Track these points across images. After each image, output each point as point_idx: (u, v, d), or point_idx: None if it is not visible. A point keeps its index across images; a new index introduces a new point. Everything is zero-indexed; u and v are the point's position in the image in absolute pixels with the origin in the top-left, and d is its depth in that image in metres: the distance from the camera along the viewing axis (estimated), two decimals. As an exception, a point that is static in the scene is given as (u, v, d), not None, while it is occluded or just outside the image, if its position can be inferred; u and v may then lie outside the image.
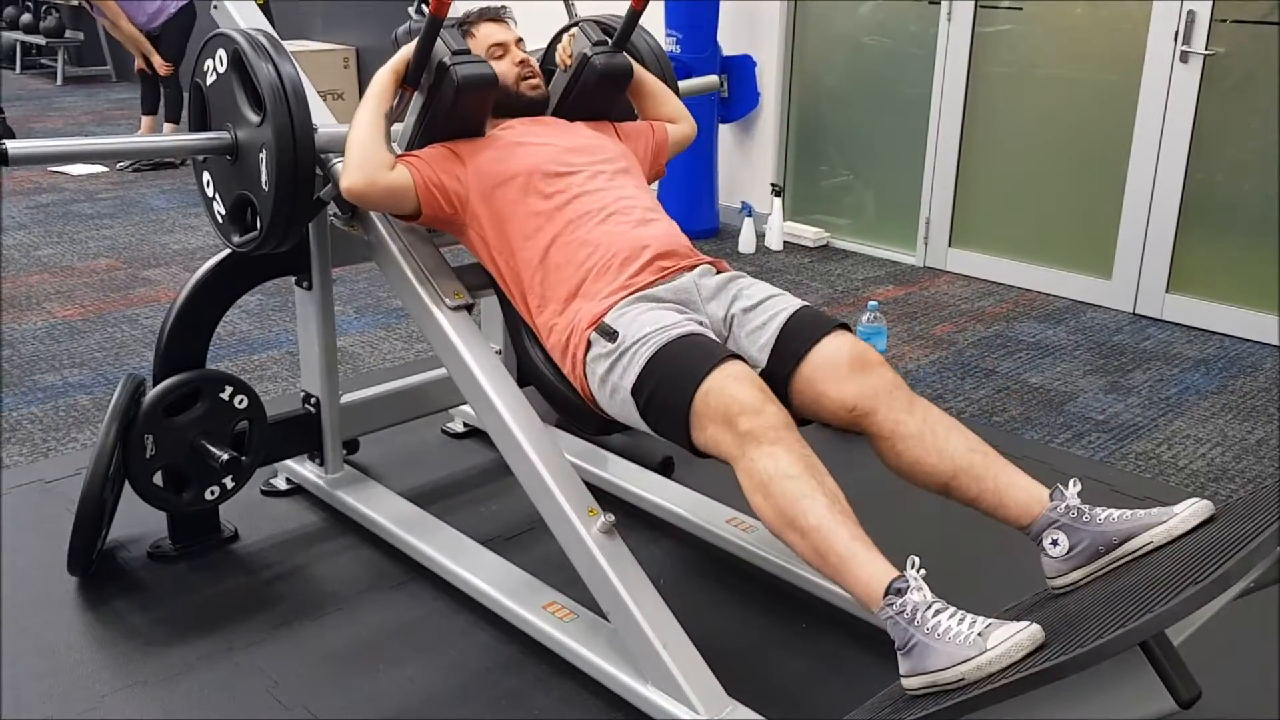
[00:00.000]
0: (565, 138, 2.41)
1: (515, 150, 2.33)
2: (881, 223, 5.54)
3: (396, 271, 2.41)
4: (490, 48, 2.46)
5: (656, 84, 2.73)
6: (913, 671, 1.66)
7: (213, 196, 2.48)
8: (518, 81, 2.46)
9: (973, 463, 1.96)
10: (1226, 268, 4.47)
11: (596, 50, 2.53)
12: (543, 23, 3.10)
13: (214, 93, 2.40)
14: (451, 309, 2.34)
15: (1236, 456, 3.36)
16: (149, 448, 2.45)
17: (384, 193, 2.25)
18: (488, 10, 2.54)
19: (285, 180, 2.25)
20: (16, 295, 4.61)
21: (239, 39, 2.28)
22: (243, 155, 2.33)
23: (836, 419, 2.05)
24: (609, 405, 2.12)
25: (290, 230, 2.37)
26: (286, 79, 2.24)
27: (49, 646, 2.36)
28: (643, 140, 2.63)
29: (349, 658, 2.34)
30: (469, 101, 2.31)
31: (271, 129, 2.23)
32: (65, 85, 10.51)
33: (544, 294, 2.23)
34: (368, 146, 2.24)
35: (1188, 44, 4.30)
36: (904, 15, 5.25)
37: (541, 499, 2.18)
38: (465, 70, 2.27)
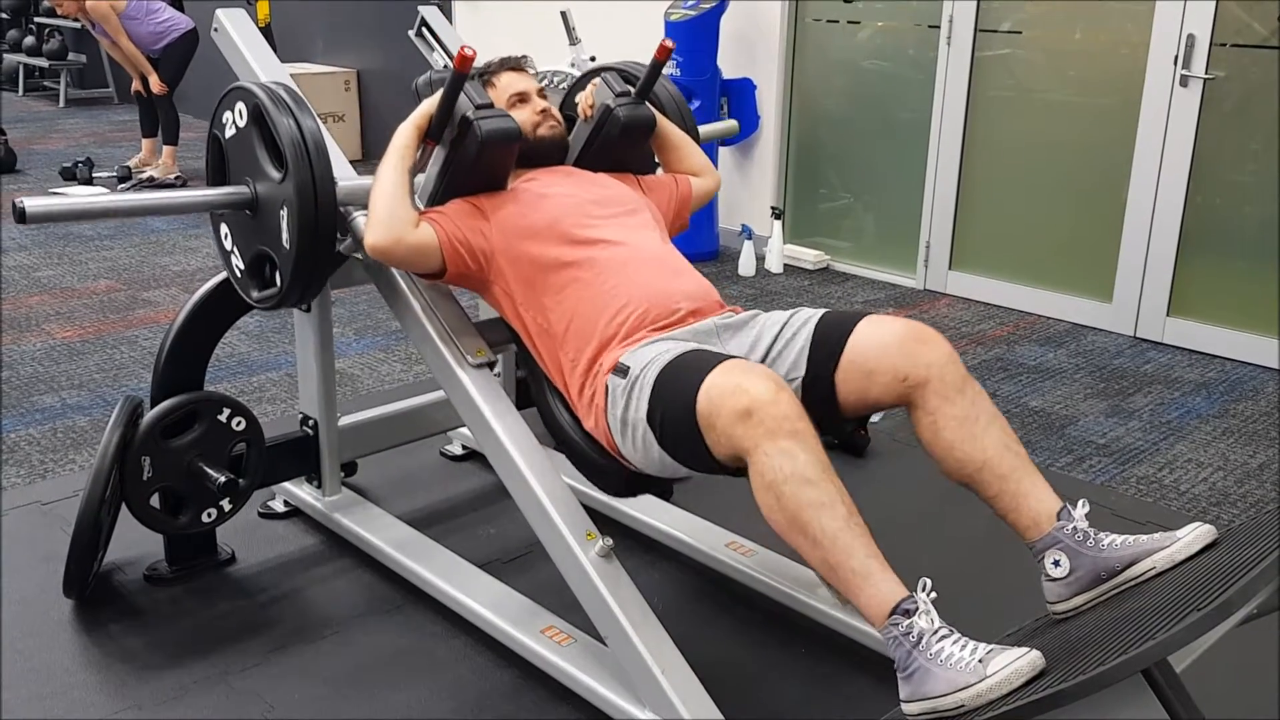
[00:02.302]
0: (588, 189, 2.36)
1: (539, 203, 2.28)
2: (881, 245, 5.54)
3: (418, 328, 2.35)
4: (511, 97, 2.41)
5: (680, 136, 2.67)
6: (913, 696, 1.65)
7: (231, 250, 2.43)
8: (535, 128, 2.41)
9: (1003, 460, 1.93)
10: (1227, 291, 4.47)
11: (619, 101, 2.49)
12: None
13: (233, 146, 2.34)
14: (474, 366, 2.29)
15: (1238, 481, 3.34)
16: (146, 470, 2.44)
17: (409, 251, 2.19)
18: (508, 60, 2.49)
19: (307, 238, 2.19)
20: (16, 316, 4.60)
21: (259, 93, 2.22)
22: (263, 211, 2.27)
23: (887, 395, 1.99)
24: (634, 449, 2.05)
25: (311, 287, 2.32)
26: (308, 134, 2.18)
27: (44, 669, 2.34)
28: (666, 194, 2.57)
29: (345, 682, 2.33)
30: (493, 156, 2.27)
31: (293, 186, 2.16)
32: (67, 107, 10.54)
33: (573, 352, 2.17)
34: (392, 203, 2.19)
35: (1187, 68, 4.31)
36: (904, 39, 5.27)
37: (539, 523, 2.17)
38: (489, 125, 2.23)
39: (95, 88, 11.01)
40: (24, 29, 11.42)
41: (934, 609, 1.69)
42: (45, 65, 10.91)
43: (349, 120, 8.13)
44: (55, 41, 10.77)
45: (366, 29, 7.95)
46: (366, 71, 8.13)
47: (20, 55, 11.21)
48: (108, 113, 10.30)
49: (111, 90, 10.87)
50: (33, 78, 11.39)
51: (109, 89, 10.90)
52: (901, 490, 3.06)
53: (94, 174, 7.19)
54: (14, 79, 11.31)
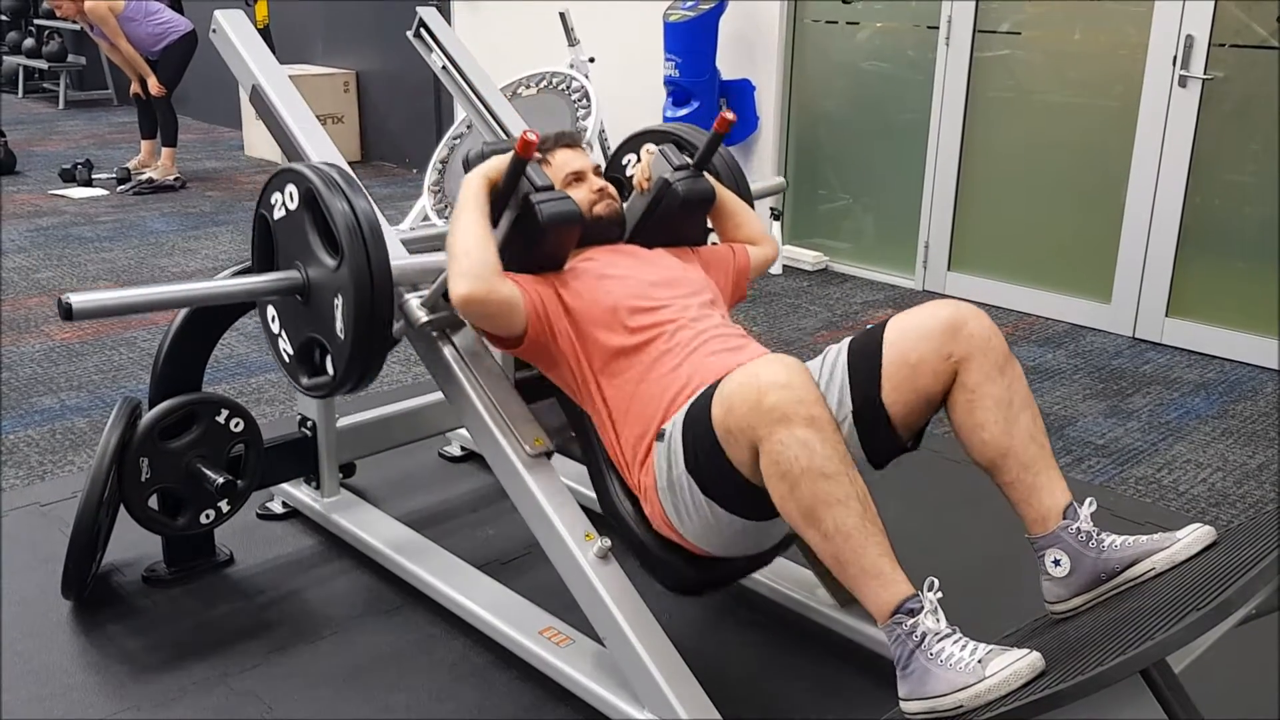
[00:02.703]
0: (649, 270, 2.27)
1: (600, 285, 2.20)
2: (880, 246, 5.54)
3: (474, 416, 2.26)
4: (567, 175, 2.34)
5: (738, 204, 2.59)
6: (912, 695, 1.65)
7: (278, 333, 2.34)
8: (593, 206, 2.33)
9: (1026, 449, 1.92)
10: (1226, 292, 4.46)
11: (678, 176, 2.40)
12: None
13: (282, 229, 2.25)
14: (531, 456, 2.20)
15: (1237, 481, 3.34)
16: (144, 471, 2.44)
17: (500, 304, 2.08)
18: (564, 137, 2.42)
19: (363, 327, 2.10)
20: (15, 318, 4.60)
21: (312, 177, 2.15)
22: (314, 297, 2.19)
23: (935, 380, 1.95)
24: (686, 517, 1.97)
25: (366, 376, 2.22)
26: (363, 218, 2.10)
27: (43, 671, 2.34)
28: (725, 268, 2.49)
29: (344, 683, 2.33)
30: (554, 238, 2.20)
31: (349, 274, 2.08)
32: (67, 109, 10.54)
33: (634, 438, 2.09)
34: (481, 253, 2.08)
35: (1186, 68, 4.31)
36: (902, 40, 5.27)
37: (537, 524, 2.17)
38: (551, 208, 2.16)
39: (94, 89, 11.02)
40: (23, 31, 11.42)
41: (940, 609, 1.69)
42: (45, 67, 10.91)
43: (348, 122, 8.13)
44: (55, 44, 10.78)
45: (365, 30, 7.94)
46: (365, 73, 8.13)
47: (20, 57, 11.22)
48: (107, 114, 10.30)
49: (111, 92, 10.88)
50: (32, 80, 11.39)
51: (108, 91, 10.91)
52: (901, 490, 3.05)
53: (93, 176, 7.19)
54: (14, 81, 11.31)
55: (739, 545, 2.04)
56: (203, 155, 8.33)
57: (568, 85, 5.06)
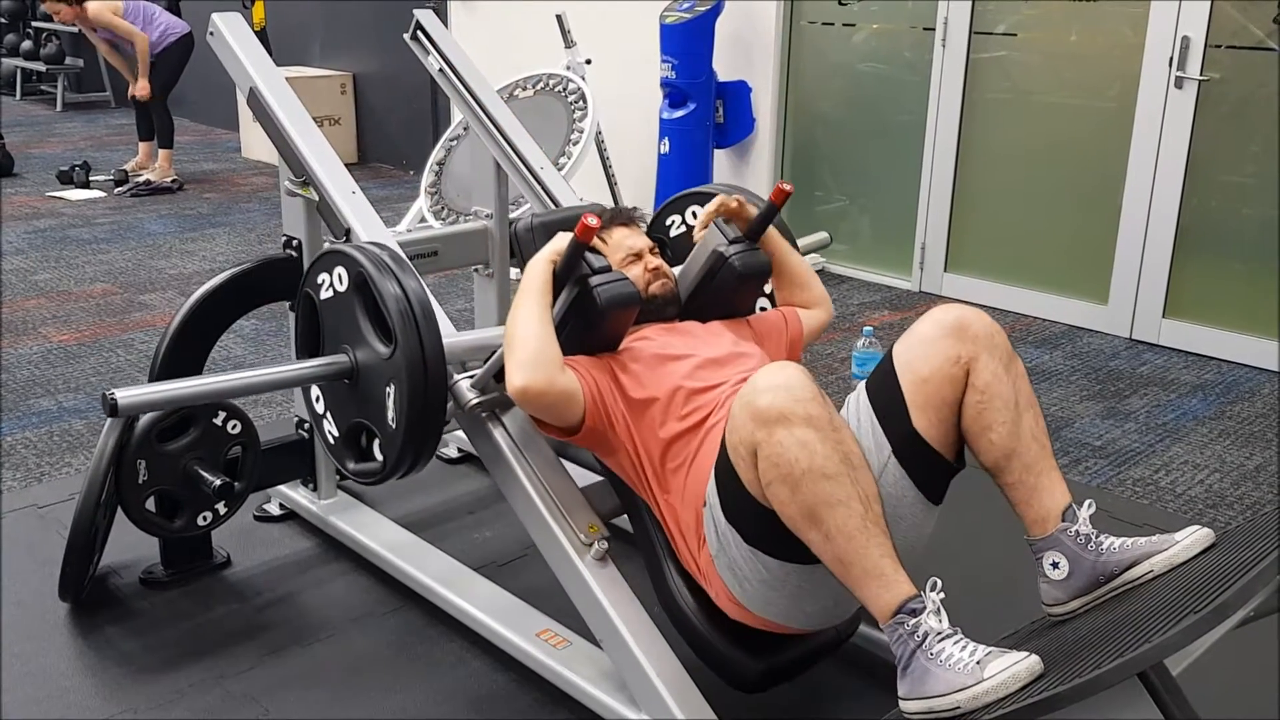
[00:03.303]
0: (705, 348, 2.21)
1: (657, 366, 2.14)
2: (877, 248, 5.55)
3: (527, 505, 2.18)
4: (625, 256, 2.30)
5: (798, 268, 2.52)
6: (911, 695, 1.65)
7: (323, 414, 2.26)
8: (649, 285, 2.30)
9: (1030, 450, 1.91)
10: (1223, 293, 4.47)
11: (734, 250, 2.32)
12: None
13: (329, 310, 2.18)
14: (585, 545, 2.12)
15: (1235, 483, 3.35)
16: (142, 473, 2.43)
17: (560, 396, 2.01)
18: (620, 214, 2.39)
19: (416, 414, 2.02)
20: (13, 320, 4.60)
21: (363, 261, 2.08)
22: (364, 382, 2.12)
23: (952, 385, 1.92)
24: (744, 582, 1.92)
25: (419, 463, 2.13)
26: (417, 304, 2.03)
27: (40, 673, 2.34)
28: (779, 339, 2.43)
29: (341, 685, 2.32)
30: (613, 321, 2.15)
31: (404, 362, 2.01)
32: (65, 111, 10.54)
33: (696, 524, 2.01)
34: (542, 343, 2.02)
35: (1183, 70, 4.32)
36: (899, 42, 5.27)
37: (535, 526, 2.16)
38: (609, 291, 2.10)
39: (92, 92, 11.02)
40: (21, 33, 11.42)
41: (943, 609, 1.68)
42: (43, 69, 10.91)
43: (345, 124, 8.13)
44: (53, 46, 10.78)
45: (362, 32, 7.94)
46: (363, 75, 8.13)
47: (18, 59, 11.22)
48: (105, 116, 10.30)
49: (109, 94, 10.88)
50: (30, 82, 11.39)
51: (106, 93, 10.91)
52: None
53: (91, 178, 7.19)
54: (11, 83, 11.31)
55: (806, 606, 1.96)
56: (200, 157, 8.33)
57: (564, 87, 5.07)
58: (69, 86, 10.95)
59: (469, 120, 3.11)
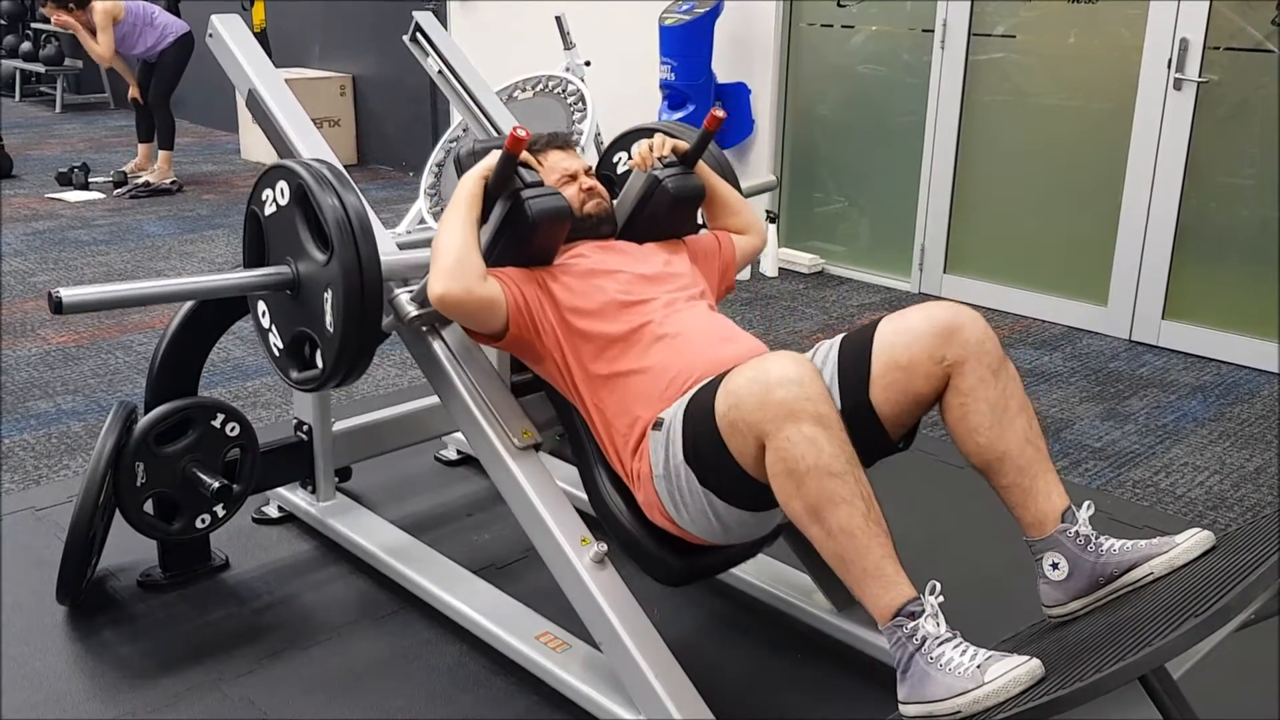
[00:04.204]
0: (637, 265, 2.30)
1: (588, 280, 2.22)
2: (876, 249, 5.55)
3: (463, 410, 2.27)
4: (560, 177, 2.37)
5: (729, 194, 2.61)
6: (910, 699, 1.65)
7: (269, 328, 2.34)
8: (583, 205, 2.36)
9: (1023, 453, 1.91)
10: (1223, 294, 4.47)
11: (668, 173, 2.43)
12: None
13: (273, 225, 2.26)
14: (520, 449, 2.22)
15: (1235, 484, 3.34)
16: (140, 475, 2.43)
17: (479, 304, 2.11)
18: (556, 138, 2.46)
19: (353, 321, 2.12)
20: (12, 321, 4.59)
21: (302, 173, 2.16)
22: (305, 292, 2.20)
23: (928, 382, 1.94)
24: (683, 505, 1.99)
25: (355, 369, 2.23)
26: (353, 214, 2.11)
27: (37, 676, 2.33)
28: (712, 259, 2.52)
29: (339, 689, 2.32)
30: (543, 234, 2.23)
31: (339, 268, 2.09)
32: (64, 113, 10.54)
33: (625, 429, 2.10)
34: (463, 253, 2.11)
35: (1181, 71, 4.32)
36: (898, 44, 5.27)
37: (534, 528, 2.16)
38: (540, 204, 2.19)
39: (91, 93, 11.02)
40: (21, 34, 11.42)
41: (941, 613, 1.68)
42: (42, 71, 10.91)
43: (344, 126, 8.13)
44: (52, 47, 10.77)
45: (362, 34, 7.94)
46: (362, 77, 8.13)
47: (17, 61, 11.22)
48: (104, 118, 10.30)
49: (108, 96, 10.88)
50: (29, 83, 11.39)
51: (105, 94, 10.92)
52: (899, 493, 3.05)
53: (90, 179, 7.18)
54: (10, 84, 11.31)
55: (734, 535, 2.05)
56: (199, 159, 8.32)
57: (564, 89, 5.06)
58: (68, 88, 10.95)
59: (468, 122, 3.11)
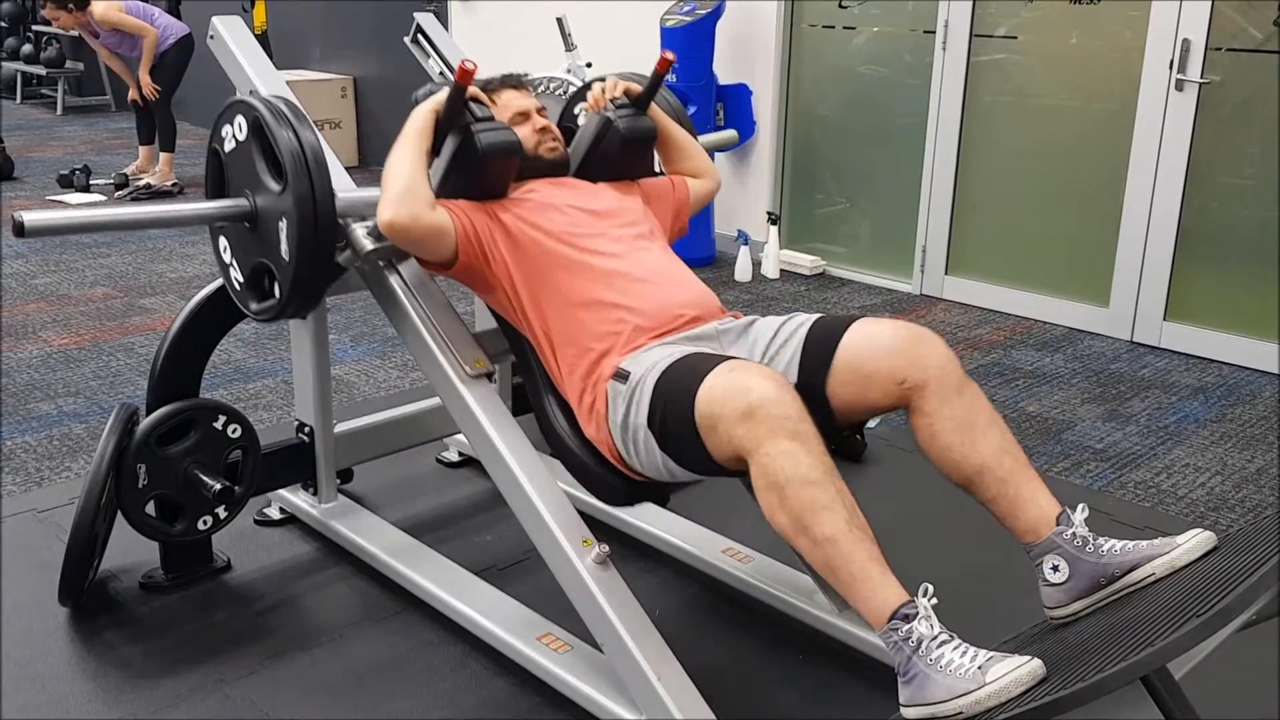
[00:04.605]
0: (588, 200, 2.35)
1: (539, 213, 2.27)
2: (878, 250, 5.54)
3: (416, 339, 2.34)
4: (513, 115, 2.40)
5: (682, 136, 2.65)
6: (912, 701, 1.65)
7: (230, 263, 2.41)
8: (537, 146, 2.41)
9: (1001, 464, 1.92)
10: (1224, 295, 4.47)
11: (620, 114, 2.48)
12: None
13: (232, 160, 2.33)
14: (472, 377, 2.29)
15: (1236, 485, 3.34)
16: (142, 477, 2.43)
17: (426, 231, 2.16)
18: (509, 78, 2.48)
19: (306, 250, 2.18)
20: (13, 324, 4.60)
21: (259, 106, 2.22)
22: (262, 223, 2.26)
23: (885, 398, 1.98)
24: (636, 454, 2.05)
25: (310, 299, 2.31)
26: (308, 146, 2.18)
27: (39, 678, 2.33)
28: (664, 200, 2.55)
29: (341, 690, 2.32)
30: (493, 168, 2.27)
31: (293, 198, 2.15)
32: (65, 115, 10.55)
33: (571, 358, 2.17)
34: (410, 181, 2.17)
35: (1183, 72, 4.32)
36: (899, 45, 5.27)
37: (535, 530, 2.16)
38: (489, 137, 2.24)
39: (93, 95, 11.03)
40: (22, 37, 11.43)
41: (934, 615, 1.69)
42: (43, 73, 10.92)
43: (345, 127, 8.13)
44: (53, 49, 10.79)
45: (363, 36, 7.95)
46: (363, 78, 8.13)
47: (18, 63, 11.22)
48: (105, 120, 10.30)
49: (109, 98, 10.89)
50: (30, 85, 11.40)
51: (106, 97, 10.92)
52: (898, 495, 3.05)
53: (91, 181, 7.18)
54: (12, 87, 11.32)
55: (681, 480, 2.10)
56: (200, 161, 8.26)
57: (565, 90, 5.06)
58: (69, 90, 10.95)
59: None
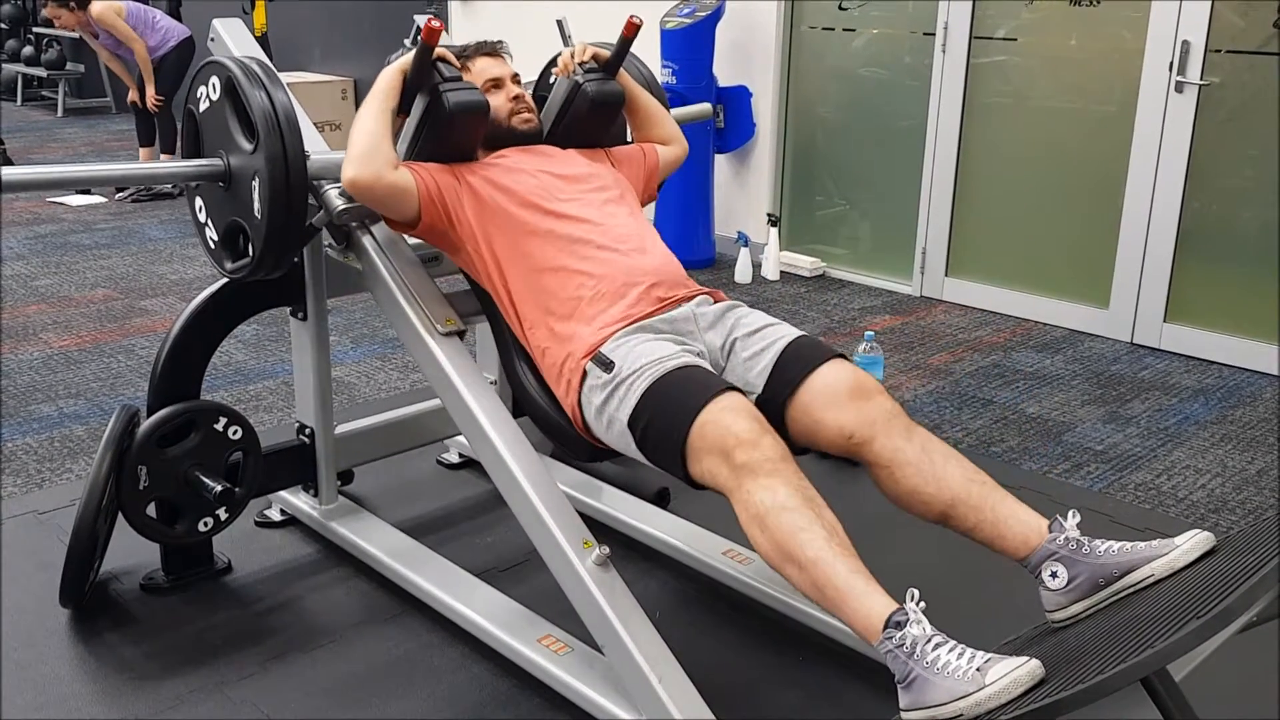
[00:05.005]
0: (558, 165, 2.40)
1: (508, 176, 2.33)
2: (878, 252, 5.54)
3: (388, 297, 2.41)
4: (486, 82, 2.45)
5: (650, 102, 2.72)
6: (912, 706, 1.64)
7: (205, 223, 2.47)
8: (510, 115, 2.45)
9: (971, 492, 1.95)
10: (1224, 297, 4.47)
11: (589, 78, 2.53)
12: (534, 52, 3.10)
13: (207, 120, 2.39)
14: (443, 335, 2.34)
15: (1236, 487, 3.34)
16: (142, 479, 2.43)
17: (388, 190, 2.22)
18: (484, 45, 2.53)
19: (278, 207, 2.24)
20: (14, 326, 4.60)
21: (232, 67, 2.28)
22: (235, 182, 2.32)
23: (834, 447, 2.05)
24: (605, 435, 2.12)
25: (282, 257, 2.36)
26: (279, 106, 2.23)
27: (40, 680, 2.33)
28: (635, 166, 2.62)
29: (342, 692, 2.32)
30: (461, 128, 2.32)
31: (264, 156, 2.21)
32: (65, 117, 10.55)
33: (536, 317, 2.24)
34: (374, 140, 2.23)
35: (1183, 74, 4.32)
36: (899, 47, 5.27)
37: (536, 531, 2.16)
38: (457, 97, 2.30)
39: (93, 97, 11.03)
40: (22, 39, 11.44)
41: (925, 618, 1.69)
42: (43, 75, 10.93)
43: (345, 128, 8.11)
44: (53, 51, 10.79)
45: (363, 37, 7.95)
46: (364, 80, 8.13)
47: (19, 65, 11.23)
48: (105, 122, 10.31)
49: (109, 100, 10.89)
50: (31, 87, 11.41)
51: (107, 98, 10.92)
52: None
53: (91, 183, 7.17)
54: (12, 88, 11.33)
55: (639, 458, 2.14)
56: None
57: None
58: (70, 92, 10.96)
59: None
